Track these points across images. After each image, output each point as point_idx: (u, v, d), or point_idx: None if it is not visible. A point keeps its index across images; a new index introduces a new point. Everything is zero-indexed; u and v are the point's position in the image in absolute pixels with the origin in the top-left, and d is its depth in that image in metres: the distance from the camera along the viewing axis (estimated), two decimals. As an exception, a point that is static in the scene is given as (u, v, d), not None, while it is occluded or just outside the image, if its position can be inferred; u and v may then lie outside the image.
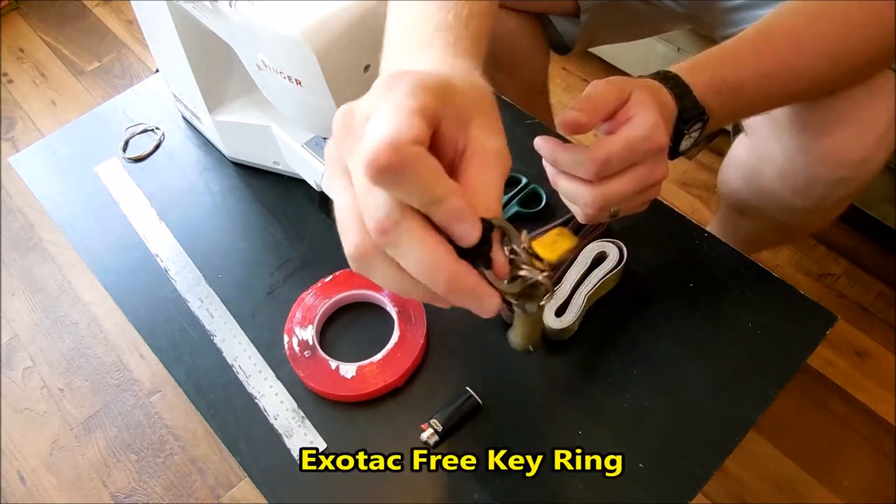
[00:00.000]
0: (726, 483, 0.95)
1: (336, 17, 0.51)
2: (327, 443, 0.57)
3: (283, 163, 0.74)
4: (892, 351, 1.06)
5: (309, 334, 0.62)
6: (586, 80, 1.49)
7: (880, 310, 1.11)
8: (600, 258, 0.62)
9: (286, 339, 0.62)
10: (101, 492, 1.02)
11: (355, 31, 0.52)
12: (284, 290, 0.66)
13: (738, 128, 0.73)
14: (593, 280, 0.60)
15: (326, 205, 0.71)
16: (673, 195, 1.28)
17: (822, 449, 0.98)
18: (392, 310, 0.63)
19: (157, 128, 0.83)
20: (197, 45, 0.68)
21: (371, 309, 0.64)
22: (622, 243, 0.62)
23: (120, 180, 0.78)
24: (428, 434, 0.55)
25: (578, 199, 0.47)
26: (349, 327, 0.64)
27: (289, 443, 0.57)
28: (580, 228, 0.64)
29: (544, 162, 0.48)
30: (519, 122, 0.76)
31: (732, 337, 0.59)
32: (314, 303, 0.63)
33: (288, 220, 0.72)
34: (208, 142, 0.81)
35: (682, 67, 0.50)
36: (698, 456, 0.53)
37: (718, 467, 0.53)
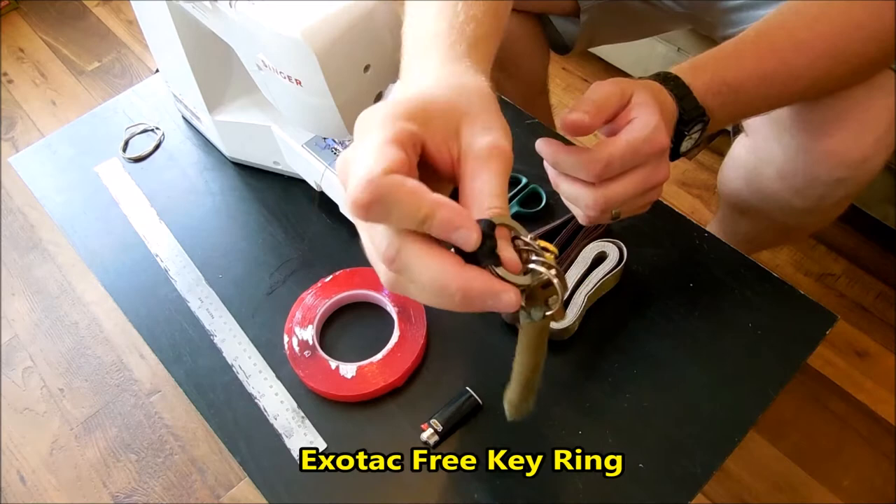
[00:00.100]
0: (726, 483, 0.95)
1: (336, 17, 0.51)
2: (327, 443, 0.57)
3: (283, 163, 0.74)
4: (892, 351, 1.06)
5: (309, 334, 0.62)
6: (586, 80, 1.49)
7: (880, 310, 1.11)
8: (600, 258, 0.62)
9: (286, 339, 0.62)
10: (101, 492, 1.02)
11: (355, 31, 0.52)
12: (284, 290, 0.66)
13: (738, 128, 0.73)
14: (593, 280, 0.60)
15: (326, 205, 0.72)
16: (673, 195, 1.28)
17: (822, 449, 0.98)
18: (392, 310, 0.63)
19: (157, 128, 0.83)
20: (197, 45, 0.68)
21: (371, 309, 0.65)
22: (622, 243, 0.62)
23: (120, 180, 0.78)
24: (428, 434, 0.55)
25: (580, 202, 0.47)
26: (349, 327, 0.64)
27: (289, 443, 0.57)
28: (580, 229, 0.65)
29: (545, 164, 0.48)
30: (519, 122, 0.76)
31: (732, 337, 0.59)
32: (314, 303, 0.63)
33: (288, 220, 0.72)
34: (208, 142, 0.81)
35: (682, 68, 0.50)
36: (698, 456, 0.53)
37: (718, 467, 0.53)
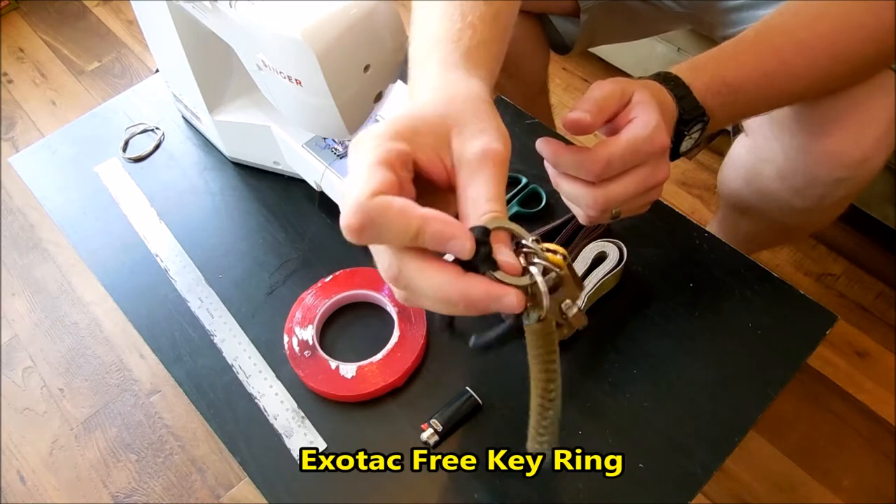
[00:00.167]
0: (726, 483, 0.95)
1: (336, 17, 0.51)
2: (327, 443, 0.57)
3: (283, 163, 0.74)
4: (892, 351, 1.06)
5: (309, 334, 0.62)
6: (586, 80, 1.49)
7: (880, 310, 1.11)
8: (600, 258, 0.62)
9: (286, 339, 0.62)
10: (101, 492, 1.02)
11: (355, 31, 0.52)
12: (284, 290, 0.66)
13: (738, 128, 0.73)
14: (593, 280, 0.60)
15: (326, 205, 0.72)
16: (673, 195, 1.28)
17: (821, 449, 0.98)
18: (392, 310, 0.63)
19: (157, 128, 0.83)
20: (197, 45, 0.68)
21: (371, 309, 0.65)
22: (622, 243, 0.62)
23: (120, 180, 0.78)
24: (428, 434, 0.55)
25: (580, 201, 0.47)
26: (349, 327, 0.64)
27: (289, 443, 0.57)
28: (580, 229, 0.65)
29: (546, 163, 0.48)
30: (519, 122, 0.76)
31: (732, 337, 0.59)
32: (314, 303, 0.63)
33: (288, 220, 0.72)
34: (208, 142, 0.81)
35: (682, 68, 0.50)
36: (698, 456, 0.53)
37: (718, 467, 0.53)
